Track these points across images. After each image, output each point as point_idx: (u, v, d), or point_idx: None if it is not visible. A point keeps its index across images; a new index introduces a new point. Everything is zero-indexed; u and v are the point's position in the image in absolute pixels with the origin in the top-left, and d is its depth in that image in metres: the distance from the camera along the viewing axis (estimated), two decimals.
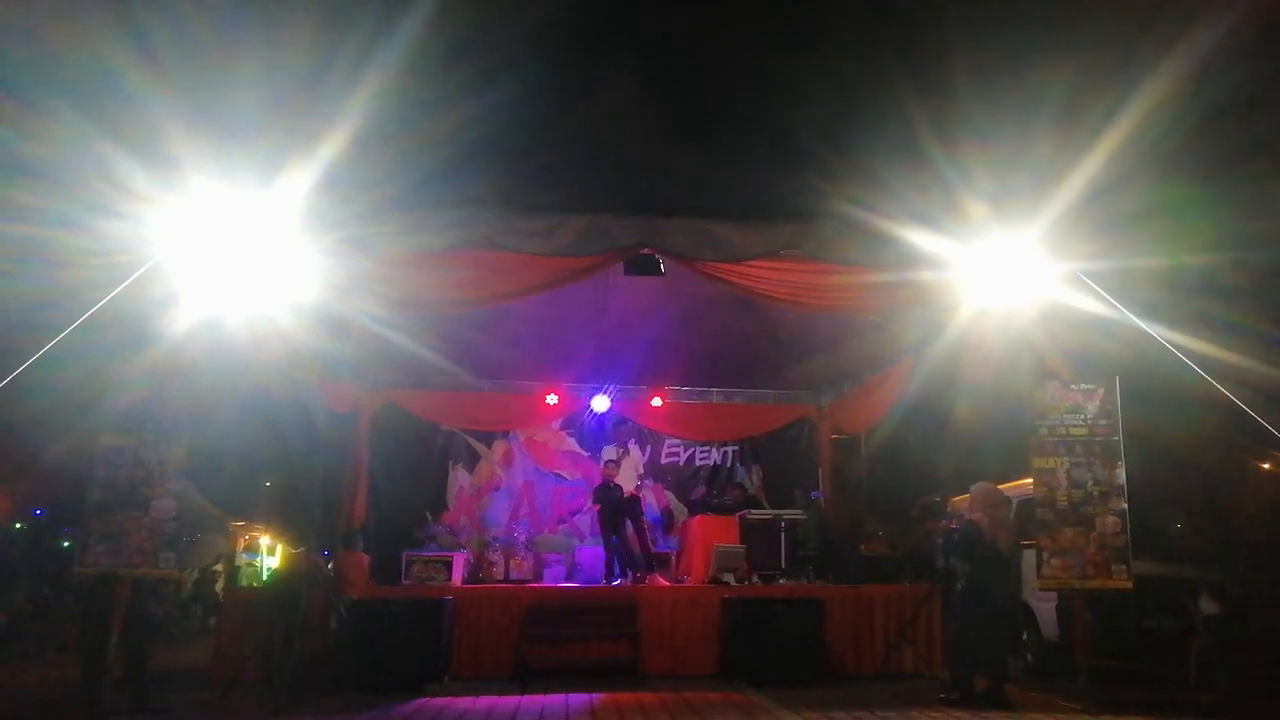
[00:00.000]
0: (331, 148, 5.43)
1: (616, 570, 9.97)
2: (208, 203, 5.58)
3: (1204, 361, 5.93)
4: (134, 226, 5.50)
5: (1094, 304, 6.25)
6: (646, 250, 6.64)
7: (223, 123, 5.38)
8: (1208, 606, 7.69)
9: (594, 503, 10.62)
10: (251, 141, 5.46)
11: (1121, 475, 6.86)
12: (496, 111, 6.12)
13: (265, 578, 16.45)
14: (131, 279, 5.49)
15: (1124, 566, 6.71)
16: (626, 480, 10.81)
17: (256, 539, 17.99)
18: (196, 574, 14.76)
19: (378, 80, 5.42)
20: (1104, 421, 6.98)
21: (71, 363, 5.72)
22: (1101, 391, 7.02)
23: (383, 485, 11.13)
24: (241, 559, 16.97)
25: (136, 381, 6.44)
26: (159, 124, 5.19)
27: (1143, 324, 6.04)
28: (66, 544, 13.56)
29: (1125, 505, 6.80)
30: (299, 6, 5.57)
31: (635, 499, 10.73)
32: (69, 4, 5.13)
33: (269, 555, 18.13)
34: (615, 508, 10.23)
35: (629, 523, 10.29)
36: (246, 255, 5.95)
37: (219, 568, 15.49)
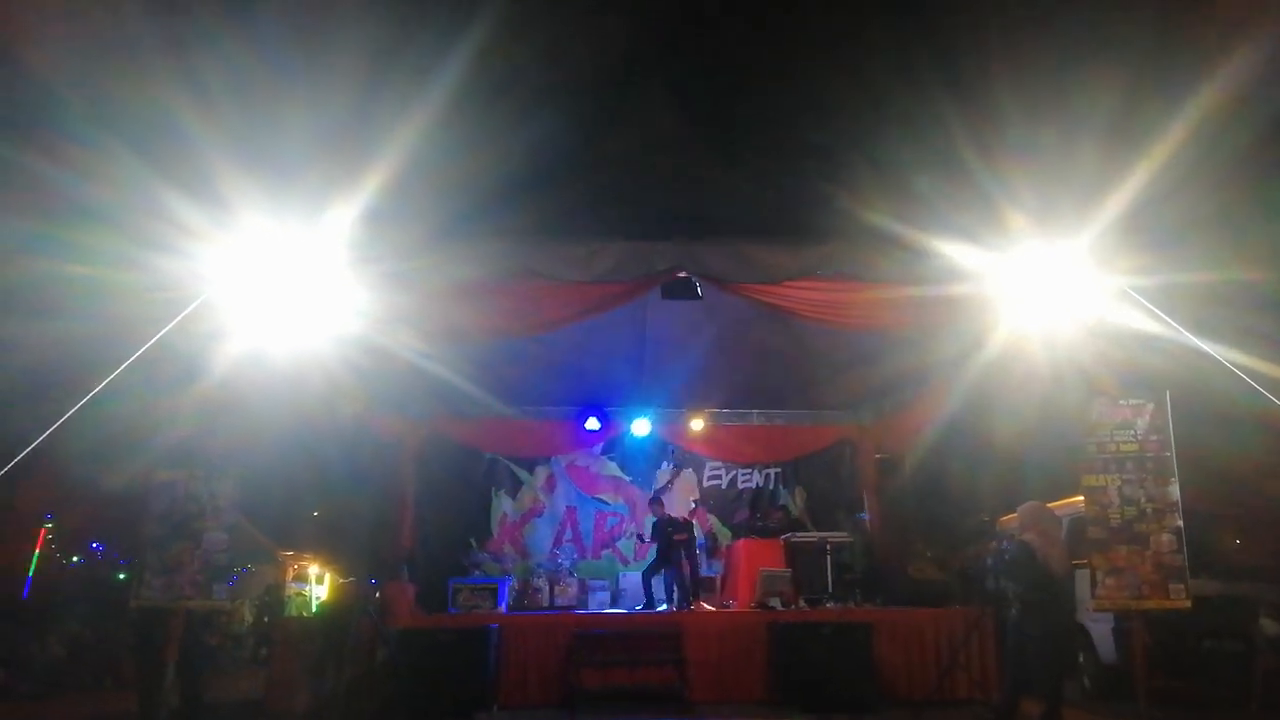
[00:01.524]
0: (375, 183, 5.53)
1: (661, 597, 9.95)
2: (257, 239, 5.71)
3: (1254, 377, 5.77)
4: (186, 263, 5.64)
5: (1141, 319, 6.13)
6: (683, 274, 6.68)
7: (271, 161, 5.52)
8: (1269, 627, 7.46)
9: (651, 539, 10.59)
10: (299, 179, 5.59)
11: (1175, 492, 6.69)
12: (535, 143, 6.20)
13: (314, 608, 16.61)
14: (183, 315, 5.62)
15: (1182, 586, 6.52)
16: (681, 504, 10.77)
17: (305, 569, 18.18)
18: (255, 603, 15.00)
19: (420, 117, 5.53)
20: (1155, 437, 6.82)
21: (126, 398, 5.85)
22: (1151, 407, 6.87)
23: (427, 514, 11.25)
24: (290, 588, 17.16)
25: (188, 416, 6.56)
26: (211, 163, 5.34)
27: (1195, 339, 5.90)
28: (122, 576, 13.84)
29: (1180, 523, 6.62)
30: (345, 49, 5.72)
31: (689, 524, 10.71)
32: (128, 52, 5.31)
33: (317, 585, 18.32)
34: (669, 542, 10.24)
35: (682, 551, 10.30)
36: (293, 290, 6.07)
37: (269, 599, 15.74)
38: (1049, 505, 7.88)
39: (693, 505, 10.96)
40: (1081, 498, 7.02)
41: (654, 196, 6.62)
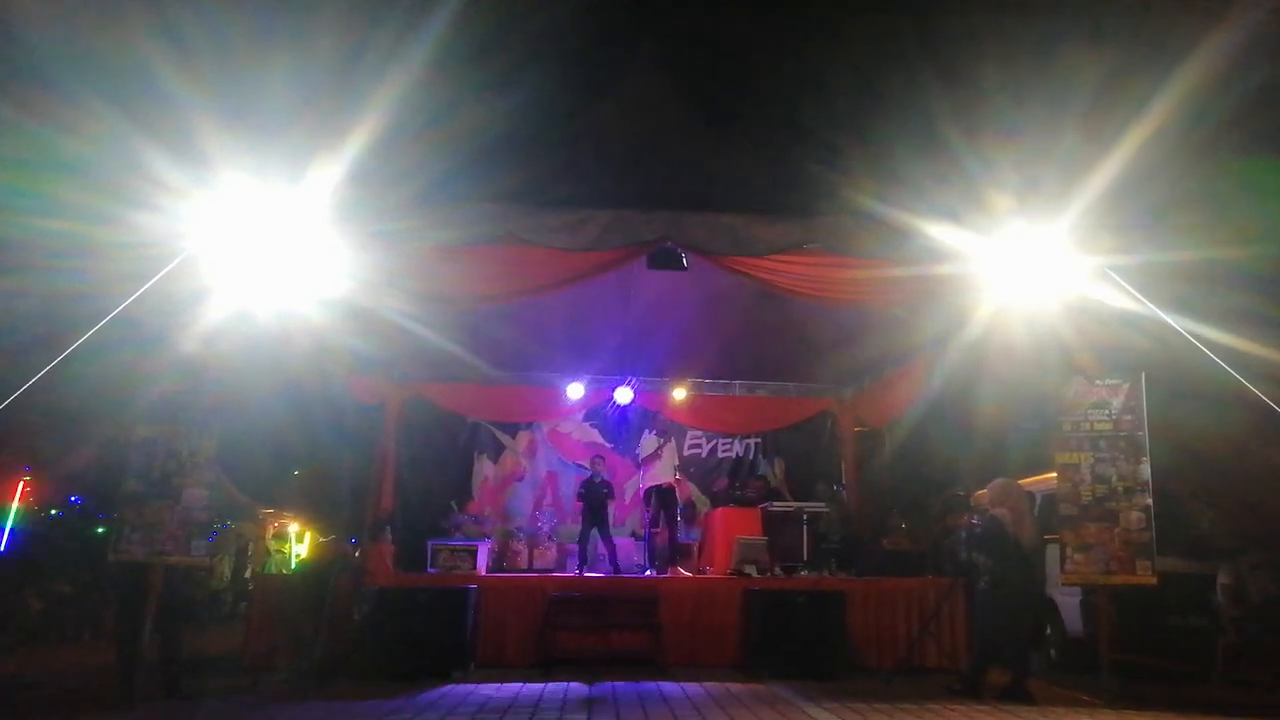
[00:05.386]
0: (359, 144, 5.50)
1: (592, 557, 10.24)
2: (239, 197, 5.67)
3: (1233, 356, 5.85)
4: (167, 220, 5.60)
5: (1121, 299, 6.19)
6: (669, 244, 6.67)
7: (254, 119, 5.47)
8: (1226, 608, 7.67)
9: (578, 498, 10.75)
10: (282, 137, 5.54)
11: (1146, 471, 6.81)
12: (521, 107, 6.17)
13: (294, 566, 16.68)
14: (164, 272, 5.59)
15: (1148, 562, 6.66)
16: (665, 472, 10.86)
17: (285, 527, 18.20)
18: (232, 560, 15.06)
19: (404, 77, 5.49)
20: (1129, 416, 6.93)
21: (107, 354, 5.83)
22: (1127, 387, 6.97)
23: (409, 475, 11.32)
24: (271, 544, 17.20)
25: (169, 373, 6.55)
26: (192, 120, 5.29)
27: (1170, 319, 5.98)
28: (101, 530, 13.84)
29: (1150, 501, 6.75)
30: (328, 6, 5.65)
31: (672, 490, 10.80)
32: (108, 4, 5.23)
33: (298, 543, 18.37)
34: (597, 502, 10.44)
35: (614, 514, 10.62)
36: (276, 249, 6.04)
37: (250, 553, 15.81)
38: (1023, 481, 8.01)
39: (675, 475, 11.06)
40: (1055, 474, 7.14)
41: (641, 167, 6.60)
